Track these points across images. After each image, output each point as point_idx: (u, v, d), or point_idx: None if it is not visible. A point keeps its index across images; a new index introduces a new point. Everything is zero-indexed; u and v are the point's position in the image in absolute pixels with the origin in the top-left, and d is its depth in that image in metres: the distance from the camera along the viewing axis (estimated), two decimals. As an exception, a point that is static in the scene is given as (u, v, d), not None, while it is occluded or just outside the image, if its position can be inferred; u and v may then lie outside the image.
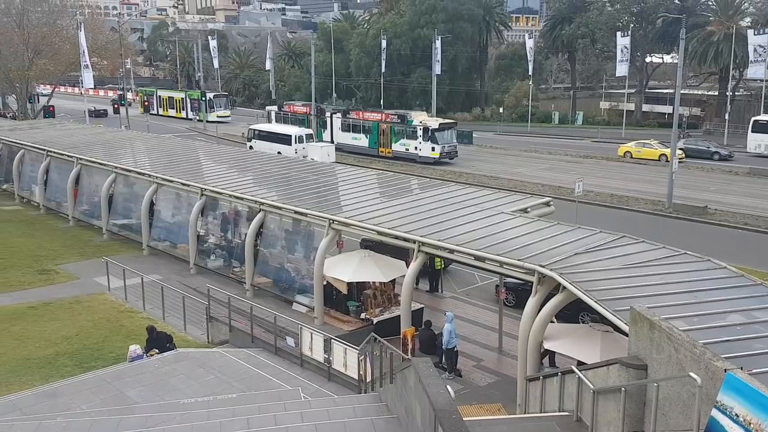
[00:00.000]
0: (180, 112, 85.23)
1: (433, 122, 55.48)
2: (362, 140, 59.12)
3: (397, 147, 56.41)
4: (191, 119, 79.58)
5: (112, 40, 75.28)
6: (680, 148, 53.53)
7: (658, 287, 13.93)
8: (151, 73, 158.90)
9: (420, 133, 54.50)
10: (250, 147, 55.80)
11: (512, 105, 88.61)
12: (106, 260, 25.25)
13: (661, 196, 39.03)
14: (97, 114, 67.53)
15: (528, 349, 14.84)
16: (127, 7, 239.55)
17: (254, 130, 59.15)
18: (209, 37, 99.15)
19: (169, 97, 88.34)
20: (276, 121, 64.62)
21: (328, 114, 62.58)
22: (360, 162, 52.45)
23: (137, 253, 29.00)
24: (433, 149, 53.87)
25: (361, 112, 61.93)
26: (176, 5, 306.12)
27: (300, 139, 54.88)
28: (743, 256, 26.73)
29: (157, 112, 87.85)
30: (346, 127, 60.37)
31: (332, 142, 59.83)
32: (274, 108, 69.12)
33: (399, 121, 56.76)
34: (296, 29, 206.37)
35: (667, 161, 50.89)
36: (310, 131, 58.08)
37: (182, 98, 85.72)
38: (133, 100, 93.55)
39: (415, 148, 54.93)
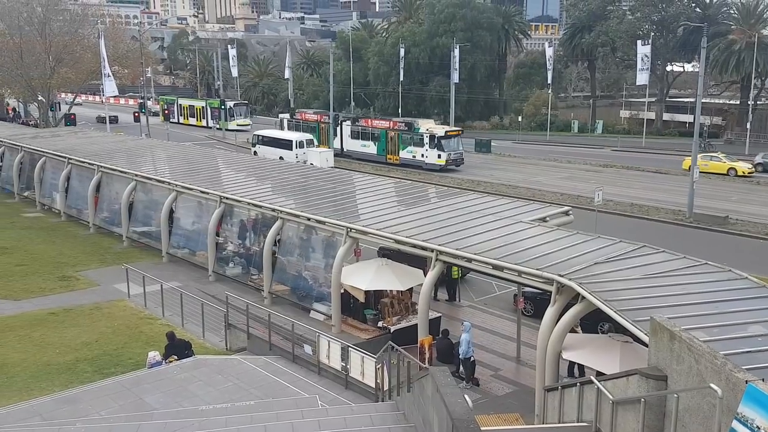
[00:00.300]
0: (201, 120, 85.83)
1: (440, 130, 56.20)
2: (371, 147, 60.09)
3: (405, 154, 57.29)
4: (212, 128, 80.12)
5: (133, 48, 76.07)
6: (758, 163, 53.12)
7: (678, 297, 13.80)
8: (171, 81, 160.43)
9: (426, 140, 55.38)
10: (255, 152, 57.51)
11: (531, 113, 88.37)
12: (126, 267, 25.46)
13: (682, 206, 38.69)
14: (110, 120, 67.27)
15: (546, 359, 14.74)
16: (148, 16, 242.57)
17: (258, 135, 60.78)
18: (229, 46, 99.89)
19: (189, 105, 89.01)
20: (288, 129, 65.78)
21: (338, 121, 63.47)
22: (364, 168, 53.06)
23: (157, 260, 29.22)
24: (439, 156, 54.78)
25: (369, 120, 62.95)
26: (196, 14, 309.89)
27: (301, 145, 56.52)
28: (764, 266, 26.40)
29: (178, 120, 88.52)
30: (356, 135, 61.30)
31: (342, 149, 61.43)
32: (287, 116, 70.24)
33: (406, 128, 57.57)
34: (315, 38, 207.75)
35: (737, 175, 50.43)
36: (310, 137, 59.56)
37: (203, 107, 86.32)
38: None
39: (422, 155, 55.81)
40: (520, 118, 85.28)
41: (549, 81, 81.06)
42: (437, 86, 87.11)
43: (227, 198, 26.29)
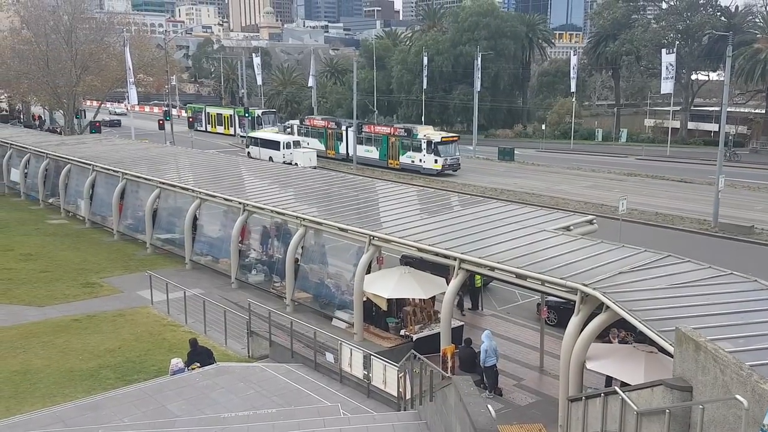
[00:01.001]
0: (228, 128, 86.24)
1: (436, 136, 58.36)
2: (374, 152, 62.08)
3: (404, 159, 59.43)
4: (240, 136, 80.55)
5: (158, 57, 76.96)
6: None
7: (703, 308, 13.62)
8: (196, 89, 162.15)
9: (424, 146, 57.55)
10: (248, 153, 62.88)
11: (555, 122, 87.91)
12: (149, 274, 25.64)
13: (707, 215, 38.21)
14: (111, 124, 67.13)
15: (570, 369, 14.59)
16: (173, 24, 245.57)
17: (251, 137, 65.62)
18: (253, 54, 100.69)
19: (217, 114, 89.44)
20: (298, 134, 68.70)
21: (344, 127, 65.54)
22: (365, 172, 55.31)
23: (180, 267, 29.42)
24: (436, 161, 56.80)
25: (372, 126, 64.59)
26: (221, 23, 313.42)
27: (288, 146, 61.38)
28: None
29: (206, 128, 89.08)
30: (360, 140, 62.45)
31: (347, 154, 63.57)
32: (296, 122, 72.62)
33: (406, 134, 59.65)
34: (339, 46, 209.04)
35: None
36: (297, 139, 64.48)
37: (230, 115, 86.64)
38: (178, 116, 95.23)
39: (420, 160, 57.99)
40: (543, 127, 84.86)
41: (573, 89, 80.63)
42: (461, 94, 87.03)
43: (250, 205, 26.43)
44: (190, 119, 75.26)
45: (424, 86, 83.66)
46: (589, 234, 20.79)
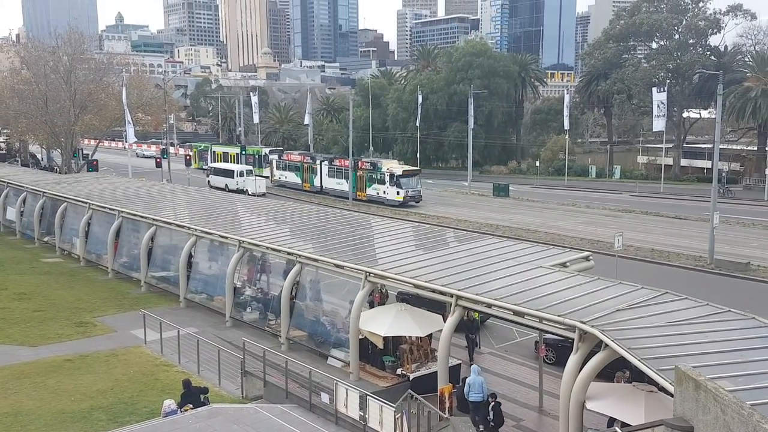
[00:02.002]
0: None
1: (398, 169, 61.49)
2: (344, 185, 64.63)
3: (370, 191, 62.40)
4: (203, 168, 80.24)
5: (157, 96, 77.56)
6: None
7: (702, 345, 13.54)
8: (194, 128, 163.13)
9: (387, 178, 60.68)
10: (209, 182, 69.56)
11: (549, 158, 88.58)
12: (143, 313, 25.42)
13: (703, 252, 38.22)
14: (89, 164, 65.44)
15: (570, 409, 14.39)
16: (172, 65, 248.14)
17: (211, 167, 73.92)
18: (251, 93, 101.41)
19: (224, 152, 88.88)
20: (276, 167, 74.38)
21: (318, 162, 68.76)
22: (336, 204, 58.24)
23: (174, 306, 29.20)
24: (398, 193, 59.87)
25: (342, 160, 66.69)
26: (219, 63, 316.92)
27: (241, 174, 68.44)
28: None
29: None
30: (332, 173, 66.49)
31: (321, 186, 67.75)
32: (276, 156, 76.05)
33: (371, 168, 62.86)
34: (335, 85, 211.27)
35: None
36: (250, 168, 71.53)
37: (237, 153, 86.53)
38: (175, 154, 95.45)
39: (384, 192, 61.14)
40: (537, 163, 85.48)
41: (567, 127, 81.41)
42: (455, 131, 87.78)
43: (246, 242, 26.34)
44: (187, 157, 75.68)
45: (419, 124, 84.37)
46: (586, 270, 20.72)
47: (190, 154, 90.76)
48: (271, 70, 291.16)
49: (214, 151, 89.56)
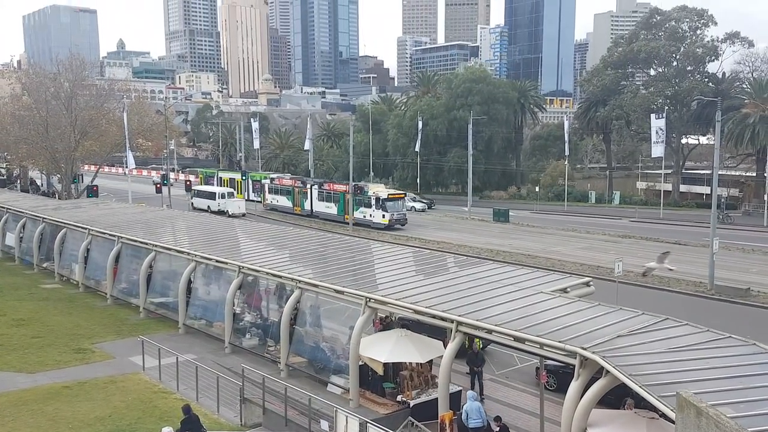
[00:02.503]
0: (241, 193, 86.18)
1: (384, 193, 63.18)
2: (333, 208, 66.89)
3: (357, 214, 63.22)
4: (253, 201, 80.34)
5: (158, 122, 77.92)
6: None
7: (703, 372, 13.49)
8: (194, 153, 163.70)
9: (373, 202, 62.13)
10: (192, 204, 72.05)
11: (548, 184, 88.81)
12: (141, 339, 25.31)
13: (703, 278, 38.14)
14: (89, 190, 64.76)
15: (571, 436, 14.28)
16: (173, 91, 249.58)
17: (194, 189, 76.02)
18: (251, 119, 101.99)
19: (230, 178, 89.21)
20: (269, 191, 76.09)
21: (308, 186, 70.17)
22: (326, 227, 60.54)
23: (173, 332, 29.06)
24: (383, 216, 61.36)
25: (332, 185, 69.24)
26: (221, 90, 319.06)
27: (222, 196, 72.14)
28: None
29: None
30: (321, 197, 68.18)
31: (312, 210, 69.21)
32: (268, 181, 77.55)
33: (358, 191, 63.54)
34: (335, 111, 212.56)
35: None
36: (231, 191, 75.67)
37: (243, 179, 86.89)
38: (175, 179, 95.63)
39: (370, 215, 62.41)
40: (537, 189, 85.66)
41: (566, 153, 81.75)
42: (455, 157, 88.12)
43: (246, 267, 26.30)
44: (188, 183, 75.91)
45: (419, 149, 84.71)
46: (587, 296, 20.68)
47: (192, 179, 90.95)
48: (272, 96, 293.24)
49: (220, 177, 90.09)
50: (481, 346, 24.62)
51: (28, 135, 64.61)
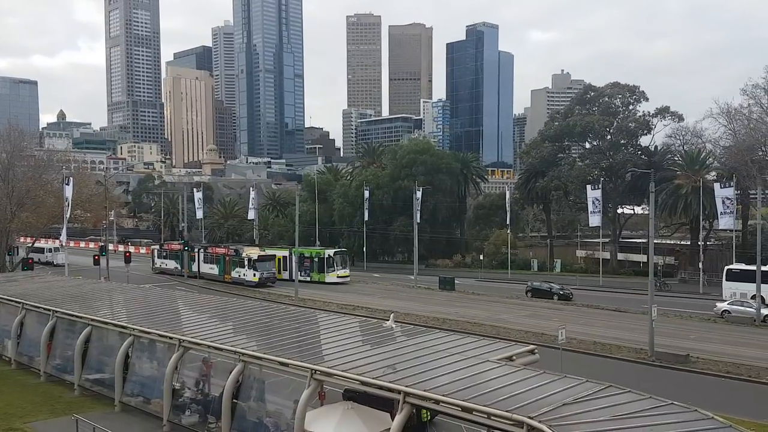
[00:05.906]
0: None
1: (255, 254, 69.75)
2: (215, 269, 73.61)
3: (234, 274, 70.41)
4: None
5: (97, 193, 76.52)
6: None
7: (648, 439, 13.56)
8: (135, 224, 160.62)
9: (246, 262, 68.85)
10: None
11: (492, 252, 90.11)
12: (75, 418, 24.15)
13: (643, 344, 38.79)
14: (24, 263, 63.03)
15: None
16: (114, 162, 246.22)
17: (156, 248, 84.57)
18: (194, 189, 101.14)
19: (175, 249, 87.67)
20: (158, 256, 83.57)
21: (196, 249, 76.59)
22: (210, 285, 68.61)
23: (109, 410, 27.82)
24: (254, 275, 68.02)
25: (214, 248, 76.51)
26: (164, 160, 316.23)
27: (50, 251, 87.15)
28: (728, 405, 26.19)
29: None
30: (206, 259, 74.90)
31: (198, 271, 75.06)
32: (157, 246, 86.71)
33: (235, 253, 71.15)
34: (281, 181, 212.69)
35: None
36: (57, 246, 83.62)
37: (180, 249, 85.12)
38: (114, 251, 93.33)
39: (243, 274, 69.22)
40: (481, 257, 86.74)
41: (508, 222, 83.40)
42: (401, 226, 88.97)
43: (186, 341, 25.57)
44: (127, 254, 73.99)
45: (366, 218, 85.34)
46: (532, 364, 20.79)
47: (131, 251, 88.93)
48: (217, 166, 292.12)
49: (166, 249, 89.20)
50: (428, 417, 24.33)
51: (-39, 206, 62.47)
